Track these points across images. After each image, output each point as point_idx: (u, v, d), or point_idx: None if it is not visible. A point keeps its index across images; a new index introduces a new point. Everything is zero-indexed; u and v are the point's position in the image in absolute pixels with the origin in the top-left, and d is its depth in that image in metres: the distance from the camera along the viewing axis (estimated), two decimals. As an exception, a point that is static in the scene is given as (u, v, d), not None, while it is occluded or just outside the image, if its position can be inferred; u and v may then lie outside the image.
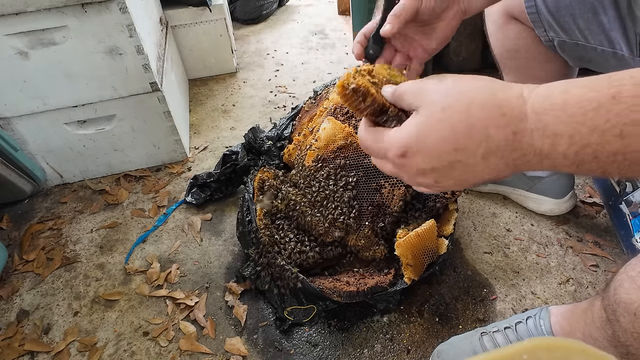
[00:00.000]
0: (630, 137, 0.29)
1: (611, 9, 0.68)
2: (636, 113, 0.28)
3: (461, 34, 1.46)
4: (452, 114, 0.33)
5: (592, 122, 0.30)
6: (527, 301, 0.93)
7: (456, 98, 0.34)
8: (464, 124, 0.33)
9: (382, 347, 0.87)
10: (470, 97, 0.33)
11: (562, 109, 0.31)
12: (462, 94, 0.34)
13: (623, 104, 0.29)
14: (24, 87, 1.09)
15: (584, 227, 1.07)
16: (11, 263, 1.08)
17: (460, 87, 0.34)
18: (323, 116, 1.07)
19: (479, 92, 0.34)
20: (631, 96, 0.29)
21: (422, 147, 0.35)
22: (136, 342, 0.90)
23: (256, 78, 1.80)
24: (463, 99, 0.34)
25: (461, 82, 0.35)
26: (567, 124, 0.31)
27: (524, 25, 0.85)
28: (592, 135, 0.30)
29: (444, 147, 0.34)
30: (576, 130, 0.30)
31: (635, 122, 0.28)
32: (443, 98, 0.34)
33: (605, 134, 0.30)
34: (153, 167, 1.36)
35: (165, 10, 1.57)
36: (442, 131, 0.34)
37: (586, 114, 0.30)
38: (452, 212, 0.96)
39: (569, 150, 0.31)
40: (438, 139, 0.34)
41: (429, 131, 0.34)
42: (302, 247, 0.92)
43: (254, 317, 0.93)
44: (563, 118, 0.31)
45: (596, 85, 0.30)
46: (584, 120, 0.30)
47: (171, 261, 1.06)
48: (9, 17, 0.97)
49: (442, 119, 0.34)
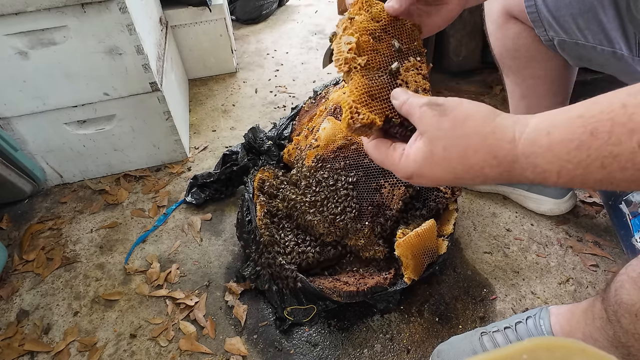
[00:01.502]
0: (610, 167, 0.33)
1: (610, 8, 0.68)
2: (612, 146, 0.32)
3: (461, 33, 1.46)
4: (452, 157, 0.39)
5: (576, 159, 0.34)
6: (527, 301, 0.93)
7: (454, 142, 0.39)
8: (462, 165, 0.39)
9: (382, 347, 0.87)
10: (466, 143, 0.38)
11: (548, 149, 0.35)
12: (459, 137, 0.39)
13: (600, 139, 0.32)
14: (24, 87, 1.09)
15: (584, 227, 1.07)
16: (11, 263, 1.08)
17: (457, 130, 0.39)
18: (323, 116, 1.06)
19: (473, 136, 0.38)
20: (606, 131, 0.32)
21: (427, 175, 0.41)
22: (136, 342, 0.90)
23: (256, 78, 1.80)
24: (460, 144, 0.38)
25: (458, 122, 0.39)
26: (553, 163, 0.35)
27: (523, 24, 0.85)
28: (578, 170, 0.34)
29: (446, 176, 0.40)
30: (562, 167, 0.34)
31: (612, 154, 0.32)
32: (444, 139, 0.39)
33: (589, 167, 0.33)
34: (153, 167, 1.36)
35: (165, 10, 1.57)
36: (444, 167, 0.40)
37: (570, 152, 0.34)
38: (452, 212, 0.96)
39: (558, 182, 0.36)
40: (441, 172, 0.40)
41: (432, 165, 0.40)
42: (302, 247, 0.92)
43: (254, 317, 0.93)
44: (550, 158, 0.35)
45: (573, 126, 0.34)
46: (569, 158, 0.34)
47: (171, 261, 1.06)
48: (9, 17, 0.97)
49: (444, 158, 0.39)
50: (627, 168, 0.32)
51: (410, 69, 0.49)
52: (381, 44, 0.49)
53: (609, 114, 0.32)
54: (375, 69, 0.47)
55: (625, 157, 0.32)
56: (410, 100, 0.43)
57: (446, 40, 1.49)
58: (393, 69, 0.47)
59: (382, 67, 0.48)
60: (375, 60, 0.47)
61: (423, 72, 0.49)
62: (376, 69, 0.47)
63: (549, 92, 0.93)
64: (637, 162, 0.31)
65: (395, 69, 0.47)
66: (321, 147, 0.96)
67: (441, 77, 1.61)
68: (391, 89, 0.46)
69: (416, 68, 0.49)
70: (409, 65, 0.49)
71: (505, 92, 1.02)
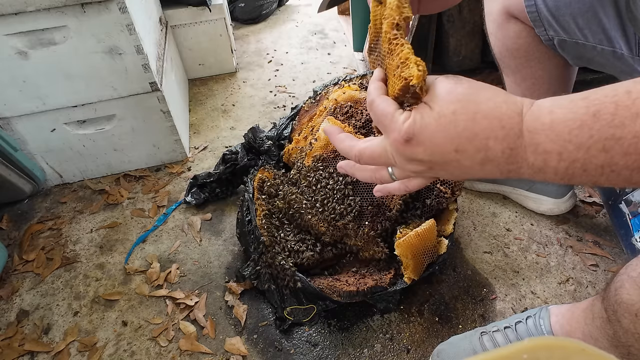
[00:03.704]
0: (612, 151, 0.32)
1: (610, 8, 0.68)
2: (615, 128, 0.31)
3: (461, 33, 1.46)
4: (459, 122, 0.36)
5: (578, 140, 0.33)
6: (527, 301, 0.93)
7: (465, 105, 0.36)
8: (468, 132, 0.36)
9: (382, 346, 0.87)
10: (478, 107, 0.36)
11: (551, 128, 0.34)
12: (471, 102, 0.37)
13: (603, 121, 0.32)
14: (24, 87, 1.09)
15: (584, 226, 1.07)
16: (11, 263, 1.08)
17: (470, 95, 0.37)
18: (323, 116, 1.06)
19: (485, 102, 0.36)
20: (610, 113, 0.31)
21: (427, 141, 0.37)
22: (136, 342, 0.90)
23: (256, 78, 1.79)
24: (471, 107, 0.36)
25: (473, 89, 0.38)
26: (555, 142, 0.34)
27: (523, 24, 0.85)
28: (579, 152, 0.33)
29: (447, 146, 0.37)
30: (564, 147, 0.33)
31: (615, 137, 0.31)
32: (455, 102, 0.37)
33: (591, 149, 0.32)
34: (153, 167, 1.35)
35: (164, 10, 1.57)
36: (449, 132, 0.37)
37: (571, 132, 0.33)
38: (452, 212, 0.96)
39: (559, 166, 0.34)
40: (443, 138, 0.37)
41: (437, 129, 0.37)
42: (302, 247, 0.92)
43: (254, 317, 0.93)
44: (552, 137, 0.34)
45: (576, 107, 0.33)
46: (570, 137, 0.33)
47: (171, 261, 1.06)
48: (9, 17, 0.97)
49: (450, 122, 0.36)
50: (630, 153, 0.31)
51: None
52: None
53: (612, 98, 0.32)
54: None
55: (627, 141, 0.31)
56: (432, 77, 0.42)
57: (446, 39, 1.49)
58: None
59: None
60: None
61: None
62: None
63: (549, 92, 0.93)
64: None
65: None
66: (321, 147, 0.96)
67: (441, 77, 1.61)
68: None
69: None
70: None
71: (505, 92, 1.02)
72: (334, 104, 1.05)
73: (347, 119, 1.00)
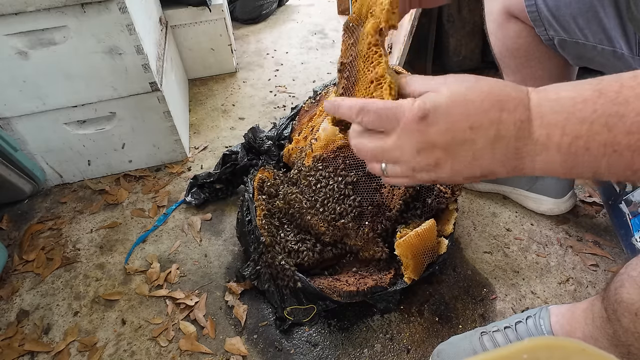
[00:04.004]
0: (615, 129, 0.32)
1: (610, 8, 0.68)
2: (618, 105, 0.32)
3: (461, 33, 1.46)
4: (474, 95, 0.37)
5: (581, 114, 0.33)
6: (527, 301, 0.92)
7: (475, 85, 0.38)
8: (484, 105, 0.36)
9: (382, 346, 0.87)
10: (489, 85, 0.38)
11: (556, 100, 0.35)
12: (481, 81, 0.38)
13: (607, 97, 0.33)
14: (24, 87, 1.09)
15: (584, 226, 1.07)
16: (11, 263, 1.08)
17: (479, 78, 0.39)
18: (323, 116, 1.07)
19: (495, 83, 0.38)
20: (614, 91, 0.32)
21: (443, 118, 0.37)
22: (136, 342, 0.90)
23: (256, 78, 1.79)
24: (484, 85, 0.38)
25: (480, 78, 0.39)
26: (559, 114, 0.34)
27: (524, 24, 0.85)
28: (582, 126, 0.33)
29: (462, 123, 0.37)
30: (568, 120, 0.34)
31: (618, 114, 0.32)
32: (466, 81, 0.38)
33: (594, 125, 0.33)
34: (153, 167, 1.35)
35: (164, 10, 1.57)
36: (465, 107, 0.37)
37: (575, 105, 0.34)
38: (452, 212, 0.96)
39: (562, 141, 0.35)
40: (459, 115, 0.37)
41: (452, 105, 0.37)
42: (302, 247, 0.92)
43: (254, 317, 0.93)
44: (556, 108, 0.35)
45: (582, 88, 0.34)
46: (574, 111, 0.34)
47: (171, 261, 1.06)
48: (9, 17, 0.97)
49: (466, 97, 0.37)
50: (633, 132, 0.31)
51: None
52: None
53: (617, 79, 0.33)
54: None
55: (630, 119, 0.31)
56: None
57: (446, 39, 1.49)
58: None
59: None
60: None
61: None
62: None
63: (549, 92, 0.93)
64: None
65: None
66: (321, 147, 0.96)
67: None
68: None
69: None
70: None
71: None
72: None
73: (347, 119, 1.00)
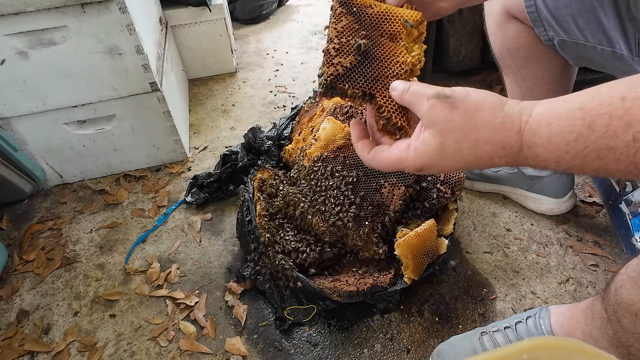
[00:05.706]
0: (606, 158, 0.35)
1: (610, 8, 0.68)
2: (608, 139, 0.34)
3: (461, 33, 1.46)
4: (463, 149, 0.41)
5: (574, 150, 0.36)
6: (527, 301, 0.93)
7: (466, 135, 0.40)
8: (472, 156, 0.41)
9: (382, 346, 0.87)
10: (478, 134, 0.40)
11: (549, 141, 0.37)
12: (471, 130, 0.40)
13: (597, 132, 0.34)
14: (24, 87, 1.09)
15: (584, 226, 1.07)
16: (11, 263, 1.08)
17: (469, 122, 0.40)
18: (323, 116, 1.07)
19: (484, 128, 0.40)
20: (604, 125, 0.34)
21: (437, 165, 0.43)
22: (136, 342, 0.90)
23: (256, 78, 1.79)
24: (472, 137, 0.40)
25: (469, 115, 0.40)
26: (553, 153, 0.37)
27: (523, 24, 0.85)
28: (575, 160, 0.36)
29: (455, 166, 0.42)
30: (561, 157, 0.37)
31: (608, 147, 0.34)
32: (456, 131, 0.40)
33: (586, 158, 0.35)
34: (153, 167, 1.35)
35: (164, 10, 1.57)
36: (455, 158, 0.41)
37: (568, 144, 0.36)
38: (452, 212, 0.96)
39: (558, 167, 0.38)
40: (451, 162, 0.42)
41: (443, 157, 0.42)
42: (302, 247, 0.92)
43: (254, 317, 0.93)
44: (550, 149, 0.37)
45: (572, 119, 0.36)
46: (567, 149, 0.36)
47: (171, 261, 1.06)
48: (9, 17, 0.97)
49: (455, 150, 0.41)
50: (622, 160, 0.34)
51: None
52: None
53: (607, 107, 0.34)
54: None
55: (619, 150, 0.33)
56: (413, 89, 0.44)
57: (446, 39, 1.49)
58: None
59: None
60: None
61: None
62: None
63: (549, 92, 0.93)
64: (631, 154, 0.33)
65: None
66: (321, 147, 0.96)
67: (441, 77, 1.61)
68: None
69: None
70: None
71: (505, 92, 1.02)
72: (334, 104, 1.05)
73: (347, 119, 1.00)
